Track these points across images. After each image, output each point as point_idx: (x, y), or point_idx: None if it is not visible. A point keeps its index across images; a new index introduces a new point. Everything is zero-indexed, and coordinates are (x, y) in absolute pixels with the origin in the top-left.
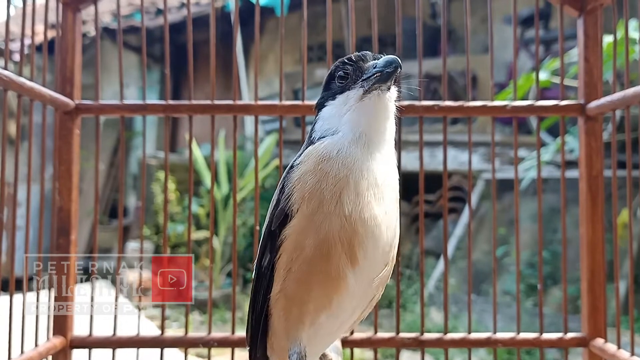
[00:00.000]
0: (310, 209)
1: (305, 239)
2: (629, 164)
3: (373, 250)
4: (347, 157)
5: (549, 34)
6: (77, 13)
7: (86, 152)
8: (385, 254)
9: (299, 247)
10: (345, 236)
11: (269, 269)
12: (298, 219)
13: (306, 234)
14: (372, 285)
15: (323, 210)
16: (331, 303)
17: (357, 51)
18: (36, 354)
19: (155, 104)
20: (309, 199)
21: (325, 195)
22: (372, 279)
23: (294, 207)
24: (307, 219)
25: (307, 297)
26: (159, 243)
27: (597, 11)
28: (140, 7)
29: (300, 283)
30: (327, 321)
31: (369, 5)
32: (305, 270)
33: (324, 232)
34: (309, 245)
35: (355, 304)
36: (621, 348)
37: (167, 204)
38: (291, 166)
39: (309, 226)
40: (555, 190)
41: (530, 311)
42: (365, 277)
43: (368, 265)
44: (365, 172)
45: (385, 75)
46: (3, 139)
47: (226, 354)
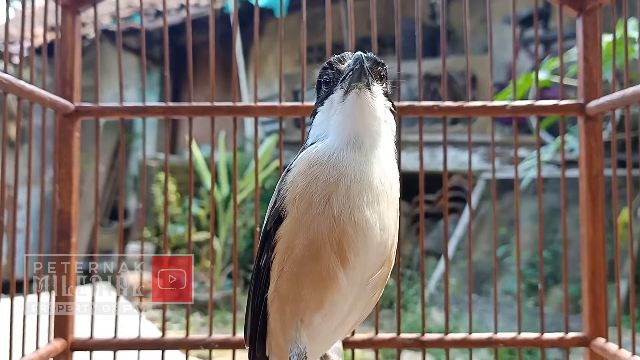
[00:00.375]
0: (300, 211)
1: (296, 239)
2: (629, 163)
3: (364, 251)
4: (338, 160)
5: (549, 34)
6: (76, 15)
7: (86, 155)
8: (379, 255)
9: (289, 247)
10: (334, 237)
11: (266, 268)
12: (289, 219)
13: (296, 234)
14: (368, 286)
15: (312, 212)
16: (323, 303)
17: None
18: (37, 357)
19: (155, 106)
20: (299, 201)
21: (314, 198)
22: (367, 279)
23: (286, 208)
24: (297, 220)
25: (298, 297)
26: (160, 244)
27: (596, 11)
28: (139, 9)
29: (292, 282)
30: (323, 321)
31: (368, 6)
32: (296, 271)
33: (313, 232)
34: (299, 245)
35: (351, 304)
36: (622, 347)
37: (168, 205)
38: (287, 170)
39: (298, 227)
40: (555, 190)
41: (531, 311)
42: (359, 277)
43: (360, 266)
44: (357, 175)
45: (356, 72)
46: (3, 142)
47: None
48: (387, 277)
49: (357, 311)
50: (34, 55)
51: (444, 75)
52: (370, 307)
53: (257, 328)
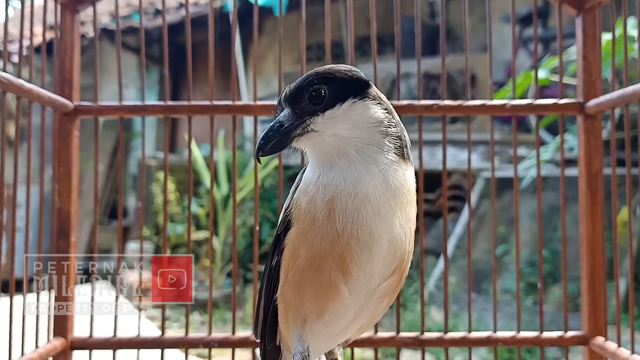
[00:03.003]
0: (305, 226)
1: (300, 249)
2: (629, 162)
3: (369, 264)
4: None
5: (548, 32)
6: (75, 14)
7: (85, 154)
8: (387, 265)
9: (294, 256)
10: (337, 252)
11: (276, 270)
12: (295, 230)
13: (301, 245)
14: (376, 295)
15: (315, 228)
16: (324, 312)
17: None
18: (36, 356)
19: (155, 105)
20: (304, 216)
21: (317, 215)
22: (372, 290)
23: (293, 219)
24: (302, 234)
25: (300, 304)
26: (159, 243)
27: (596, 9)
28: (138, 8)
29: (295, 290)
30: (326, 327)
31: (368, 4)
32: (298, 279)
33: (317, 246)
34: (302, 256)
35: (355, 313)
36: (621, 346)
37: (167, 204)
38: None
39: (303, 239)
40: (555, 189)
41: (531, 309)
42: (363, 289)
43: (365, 278)
44: (350, 191)
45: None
46: (2, 141)
47: (227, 354)
48: (398, 285)
49: (363, 319)
50: (33, 54)
51: (444, 74)
52: (379, 313)
53: (267, 321)
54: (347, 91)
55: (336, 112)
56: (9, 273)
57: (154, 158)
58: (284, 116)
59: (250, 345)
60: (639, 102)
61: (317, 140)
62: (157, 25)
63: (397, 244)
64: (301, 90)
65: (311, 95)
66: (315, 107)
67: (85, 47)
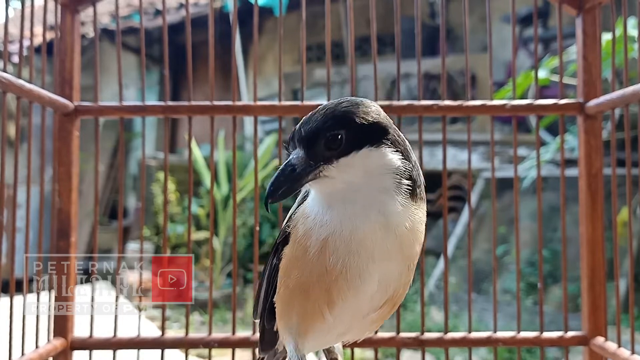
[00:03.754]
0: (297, 253)
1: (292, 270)
2: (629, 162)
3: (355, 299)
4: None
5: (548, 33)
6: (75, 14)
7: (86, 154)
8: (375, 300)
9: (286, 274)
10: (324, 285)
11: (275, 272)
12: (289, 250)
13: (293, 267)
14: (363, 321)
15: (306, 258)
16: (308, 331)
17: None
18: (37, 356)
19: (155, 105)
20: (298, 244)
21: (310, 249)
22: (360, 317)
23: (290, 235)
24: (294, 259)
25: (288, 318)
26: (159, 244)
27: (596, 9)
28: (139, 8)
29: (285, 304)
30: (314, 339)
31: (368, 4)
32: (288, 296)
33: (306, 276)
34: (292, 278)
35: (341, 332)
36: (622, 346)
37: (167, 204)
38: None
39: (294, 264)
40: (555, 189)
41: (531, 310)
42: (347, 316)
43: (349, 308)
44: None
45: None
46: (2, 141)
47: (227, 354)
48: (389, 313)
49: (353, 334)
50: (33, 54)
51: (444, 74)
52: (372, 329)
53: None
54: (365, 137)
55: (351, 160)
56: (9, 273)
57: (154, 158)
58: (297, 159)
59: (250, 345)
60: (639, 103)
61: (327, 184)
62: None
63: (388, 283)
64: (317, 134)
65: (327, 140)
66: (331, 153)
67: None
